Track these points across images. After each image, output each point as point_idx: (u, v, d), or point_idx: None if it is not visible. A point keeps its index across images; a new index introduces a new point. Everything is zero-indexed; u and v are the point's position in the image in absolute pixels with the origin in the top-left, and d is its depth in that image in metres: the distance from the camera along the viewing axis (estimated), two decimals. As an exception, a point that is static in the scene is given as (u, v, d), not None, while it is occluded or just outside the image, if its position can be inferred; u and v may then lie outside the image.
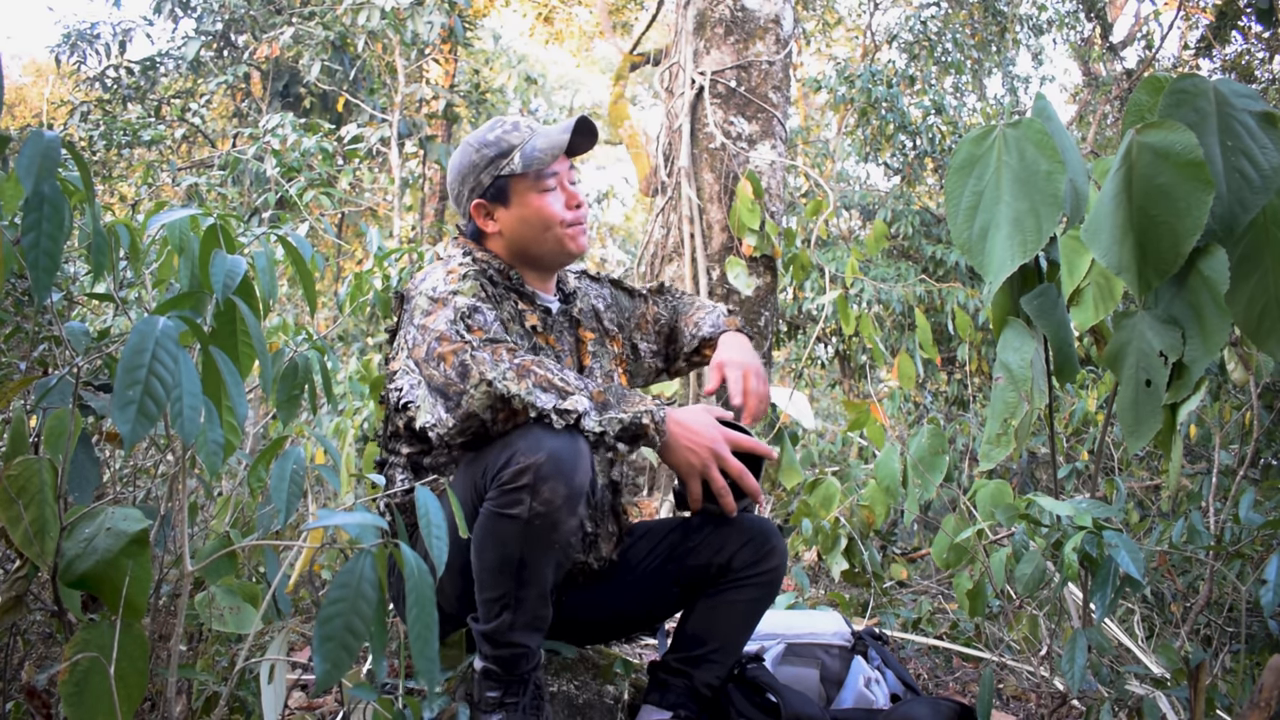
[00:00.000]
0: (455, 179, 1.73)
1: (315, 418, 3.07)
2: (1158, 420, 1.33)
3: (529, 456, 1.36)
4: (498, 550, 1.41)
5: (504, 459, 1.39)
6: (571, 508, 1.38)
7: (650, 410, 1.46)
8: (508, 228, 1.70)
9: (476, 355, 1.43)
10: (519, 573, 1.41)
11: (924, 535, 4.52)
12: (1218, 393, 3.33)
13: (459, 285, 1.56)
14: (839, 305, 3.49)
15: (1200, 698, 1.48)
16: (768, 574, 1.71)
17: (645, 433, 1.45)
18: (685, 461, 1.51)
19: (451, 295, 1.53)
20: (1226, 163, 1.20)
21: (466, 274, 1.59)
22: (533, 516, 1.36)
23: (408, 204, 8.53)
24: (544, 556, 1.41)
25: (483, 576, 1.44)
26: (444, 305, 1.52)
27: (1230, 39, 7.92)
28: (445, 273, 1.60)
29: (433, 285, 1.58)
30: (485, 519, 1.41)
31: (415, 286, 1.63)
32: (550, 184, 1.68)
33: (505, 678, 1.47)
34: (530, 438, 1.38)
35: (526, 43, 14.42)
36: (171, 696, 1.12)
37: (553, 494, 1.36)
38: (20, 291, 1.67)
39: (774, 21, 3.89)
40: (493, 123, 1.73)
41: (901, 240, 7.93)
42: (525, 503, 1.36)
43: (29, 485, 1.08)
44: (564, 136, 1.65)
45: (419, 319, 1.54)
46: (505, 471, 1.38)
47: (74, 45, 8.15)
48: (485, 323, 1.51)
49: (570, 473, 1.37)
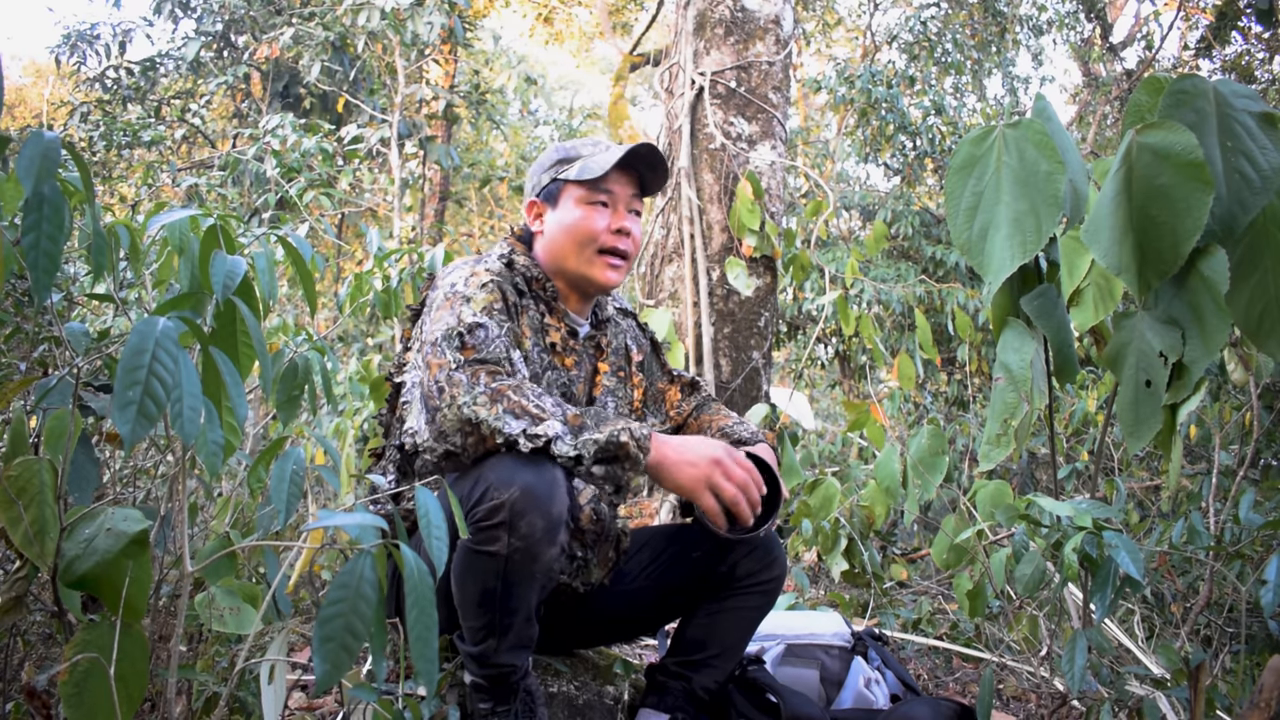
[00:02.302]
0: (528, 177, 1.76)
1: (315, 418, 3.08)
2: (1158, 420, 1.33)
3: (502, 492, 1.32)
4: (478, 584, 1.39)
5: (478, 494, 1.35)
6: (551, 538, 1.35)
7: (628, 428, 1.39)
8: (550, 232, 1.69)
9: (454, 376, 1.38)
10: (503, 603, 1.39)
11: (924, 535, 4.52)
12: (1218, 393, 3.33)
13: (474, 293, 1.52)
14: (839, 306, 3.49)
15: (1200, 698, 1.48)
16: (770, 583, 1.71)
17: (625, 451, 1.38)
18: (688, 477, 1.42)
19: (463, 302, 1.50)
20: (1226, 163, 1.20)
21: (487, 282, 1.55)
22: (512, 552, 1.34)
23: (408, 204, 8.54)
24: (526, 585, 1.39)
25: (465, 607, 1.43)
26: (451, 309, 1.49)
27: (1230, 39, 7.92)
28: (470, 273, 1.57)
29: (453, 282, 1.56)
30: (462, 554, 1.39)
31: (444, 275, 1.62)
32: (601, 199, 1.65)
33: (495, 691, 1.48)
34: (502, 470, 1.34)
35: (526, 43, 14.43)
36: (171, 697, 1.12)
37: (530, 528, 1.33)
38: (20, 292, 1.67)
39: (774, 22, 3.89)
40: (584, 139, 1.74)
41: (901, 241, 7.93)
42: (503, 539, 1.33)
43: (29, 485, 1.08)
44: (618, 154, 1.64)
45: (433, 311, 1.53)
46: (479, 508, 1.34)
47: (74, 46, 8.15)
48: (483, 340, 1.45)
49: (547, 504, 1.33)
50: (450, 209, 11.23)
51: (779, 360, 8.75)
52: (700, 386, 1.90)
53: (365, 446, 3.01)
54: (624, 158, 1.64)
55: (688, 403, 1.88)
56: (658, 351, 1.90)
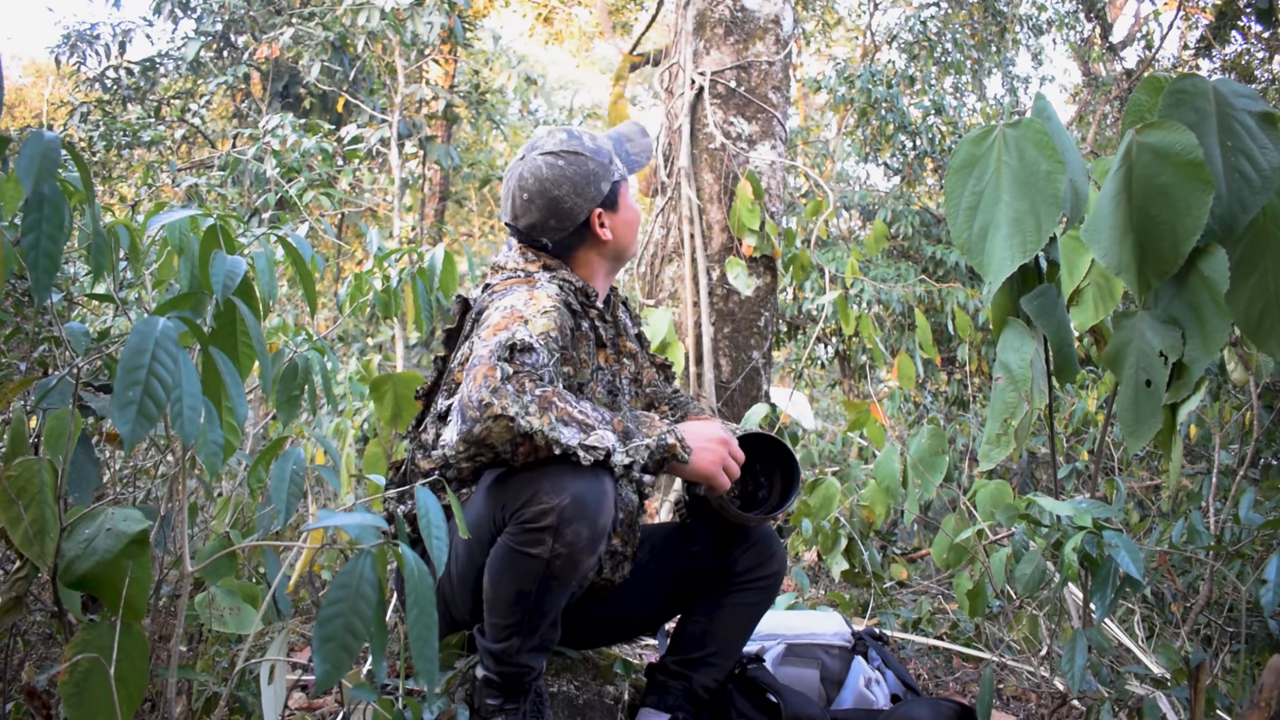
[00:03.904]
0: (570, 192, 1.64)
1: (315, 418, 3.08)
2: (1158, 420, 1.33)
3: (553, 498, 1.33)
4: (515, 585, 1.39)
5: (527, 496, 1.35)
6: (593, 548, 1.37)
7: (672, 429, 1.43)
8: (617, 232, 1.70)
9: (500, 389, 1.34)
10: (535, 606, 1.40)
11: (924, 535, 4.53)
12: (1218, 393, 3.33)
13: (534, 316, 1.48)
14: (839, 305, 3.49)
15: (1200, 698, 1.48)
16: (769, 579, 1.71)
17: (673, 453, 1.42)
18: (707, 462, 1.48)
19: (521, 323, 1.45)
20: (1226, 163, 1.20)
21: (549, 309, 1.51)
22: (554, 557, 1.35)
23: (408, 204, 8.54)
24: (560, 591, 1.40)
25: (496, 605, 1.43)
26: (508, 328, 1.44)
27: (1230, 39, 7.92)
28: (529, 296, 1.54)
29: (511, 303, 1.52)
30: (504, 552, 1.39)
31: (494, 301, 1.57)
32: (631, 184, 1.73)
33: (507, 688, 1.48)
34: (555, 478, 1.34)
35: (526, 43, 14.42)
36: (171, 697, 1.12)
37: (575, 536, 1.34)
38: (20, 292, 1.67)
39: (774, 22, 3.89)
40: (568, 133, 1.69)
41: (901, 240, 7.93)
42: (547, 544, 1.34)
43: (29, 485, 1.08)
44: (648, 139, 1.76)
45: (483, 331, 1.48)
46: (527, 510, 1.35)
47: (74, 46, 8.14)
48: (534, 362, 1.40)
49: (595, 515, 1.35)
50: (450, 209, 11.23)
51: (779, 360, 8.75)
52: (672, 372, 1.95)
53: (365, 447, 3.00)
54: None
55: (663, 385, 1.90)
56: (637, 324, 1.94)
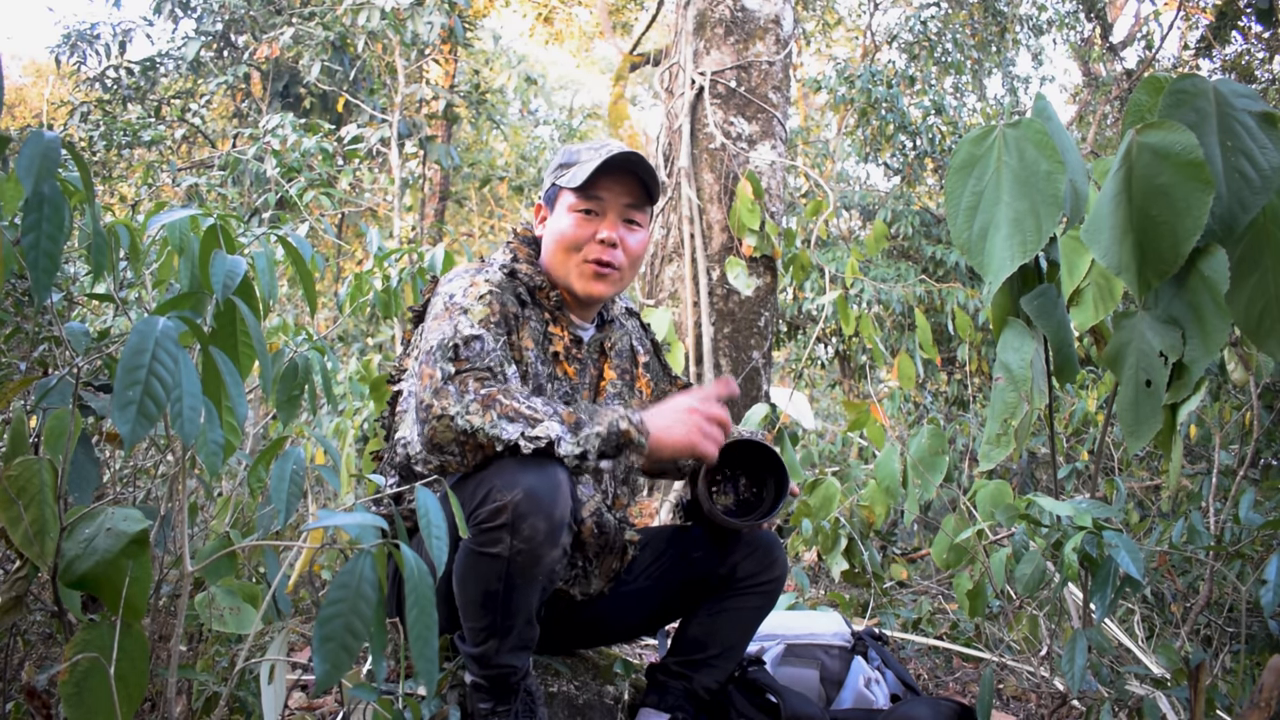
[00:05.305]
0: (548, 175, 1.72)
1: (315, 418, 3.08)
2: (1158, 420, 1.33)
3: (505, 494, 1.32)
4: (480, 586, 1.39)
5: (480, 495, 1.35)
6: (554, 540, 1.36)
7: (625, 415, 1.41)
8: (546, 237, 1.67)
9: (443, 388, 1.37)
10: (505, 606, 1.40)
11: (924, 535, 4.52)
12: (1218, 393, 3.33)
13: (472, 305, 1.50)
14: (839, 305, 3.49)
15: (1200, 698, 1.48)
16: (771, 583, 1.71)
17: (628, 439, 1.40)
18: (680, 435, 1.45)
19: (461, 313, 1.48)
20: (1226, 163, 1.20)
21: (485, 294, 1.52)
22: (514, 554, 1.34)
23: (408, 204, 8.54)
24: (528, 587, 1.39)
25: (467, 608, 1.43)
26: (449, 319, 1.47)
27: (1230, 39, 7.92)
28: (469, 283, 1.54)
29: (451, 292, 1.54)
30: (466, 555, 1.39)
31: (444, 282, 1.60)
32: (590, 207, 1.61)
33: (496, 691, 1.48)
34: (505, 474, 1.34)
35: (526, 43, 14.42)
36: (171, 697, 1.12)
37: (533, 530, 1.33)
38: (20, 292, 1.67)
39: (774, 22, 3.89)
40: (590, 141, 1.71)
41: (901, 240, 7.93)
42: (505, 541, 1.34)
43: (29, 485, 1.08)
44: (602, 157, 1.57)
45: (430, 321, 1.52)
46: (482, 510, 1.35)
47: (74, 46, 8.14)
48: (478, 353, 1.43)
49: (550, 508, 1.34)
50: (450, 209, 11.23)
51: (779, 360, 8.75)
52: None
53: (365, 446, 3.01)
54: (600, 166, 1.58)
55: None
56: (658, 353, 1.89)
